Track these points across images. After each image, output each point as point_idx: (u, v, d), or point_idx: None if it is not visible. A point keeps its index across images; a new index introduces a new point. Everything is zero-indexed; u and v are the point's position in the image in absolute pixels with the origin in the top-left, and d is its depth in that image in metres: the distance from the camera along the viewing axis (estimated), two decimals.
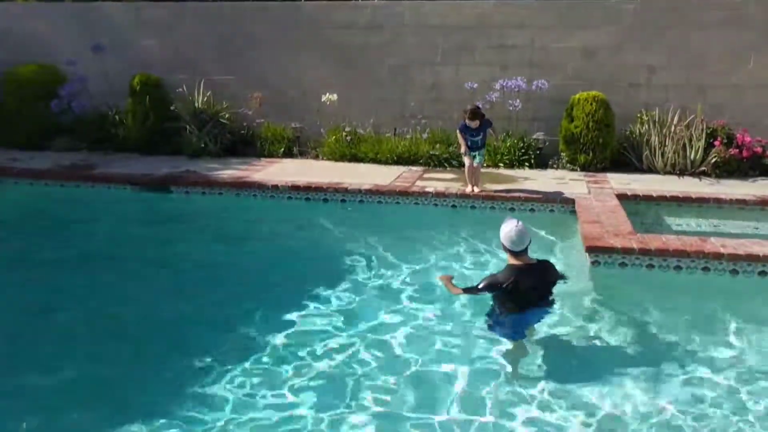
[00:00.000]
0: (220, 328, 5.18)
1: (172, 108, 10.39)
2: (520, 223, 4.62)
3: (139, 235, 7.57)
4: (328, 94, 9.93)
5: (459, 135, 7.93)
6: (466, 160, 7.91)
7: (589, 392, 4.23)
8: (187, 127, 10.24)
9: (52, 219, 8.15)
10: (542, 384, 4.31)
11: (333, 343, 4.87)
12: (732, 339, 4.93)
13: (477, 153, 7.87)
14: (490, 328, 4.76)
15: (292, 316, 5.29)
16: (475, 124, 7.68)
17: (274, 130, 10.45)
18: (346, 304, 5.55)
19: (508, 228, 4.59)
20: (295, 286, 5.90)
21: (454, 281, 5.00)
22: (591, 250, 6.06)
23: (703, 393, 4.26)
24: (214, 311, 5.51)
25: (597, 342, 4.94)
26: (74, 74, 10.62)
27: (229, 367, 4.53)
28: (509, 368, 4.51)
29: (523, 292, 4.58)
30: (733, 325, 5.10)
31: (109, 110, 10.70)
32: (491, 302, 4.81)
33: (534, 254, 4.80)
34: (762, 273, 5.76)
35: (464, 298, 5.17)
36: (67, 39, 11.16)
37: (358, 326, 5.14)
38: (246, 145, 10.51)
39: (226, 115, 10.38)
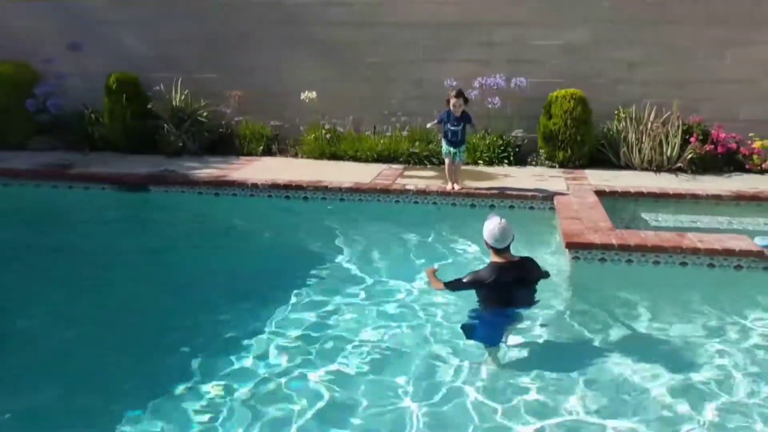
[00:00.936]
0: (200, 327, 5.17)
1: (149, 106, 10.30)
2: (504, 220, 4.65)
3: (118, 235, 7.51)
4: (307, 92, 9.89)
5: (436, 122, 7.95)
6: (447, 160, 7.96)
7: (569, 386, 4.28)
8: (165, 125, 10.15)
9: (28, 219, 8.05)
10: (523, 379, 4.35)
11: (313, 340, 4.88)
12: (710, 331, 5.01)
13: (457, 150, 7.89)
14: (468, 335, 4.76)
15: (271, 314, 5.29)
16: (458, 103, 7.65)
17: (253, 128, 10.39)
18: (326, 301, 5.55)
19: (492, 225, 4.62)
20: (276, 285, 5.90)
21: (437, 275, 5.04)
22: (571, 246, 6.12)
23: (681, 384, 4.33)
24: (195, 310, 5.48)
25: (577, 337, 5.00)
26: (51, 73, 10.47)
27: (209, 365, 4.53)
28: (490, 363, 4.54)
29: (504, 289, 4.60)
30: (711, 318, 5.19)
31: (86, 109, 10.57)
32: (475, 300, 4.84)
33: (515, 251, 4.83)
34: (738, 267, 5.85)
35: (447, 294, 5.20)
36: (44, 36, 10.99)
37: (340, 323, 5.16)
38: (225, 143, 10.43)
39: (205, 114, 10.31)
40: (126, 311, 5.51)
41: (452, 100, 7.67)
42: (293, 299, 5.57)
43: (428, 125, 8.05)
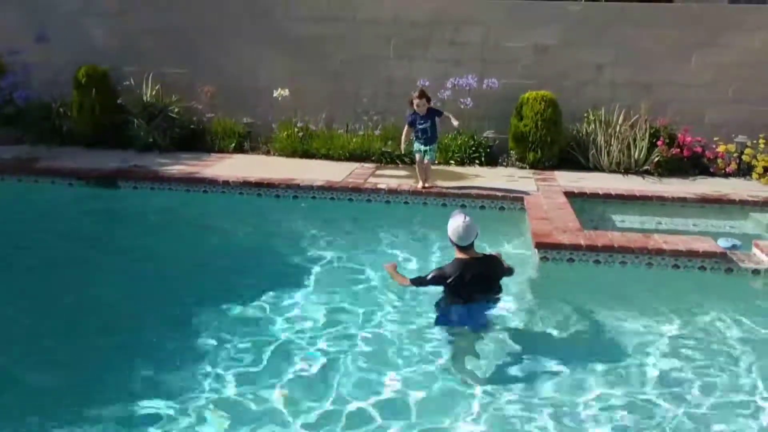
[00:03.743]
0: (167, 325, 5.11)
1: (119, 101, 10.17)
2: (468, 218, 4.72)
3: (85, 231, 7.39)
4: (279, 89, 9.85)
5: (406, 128, 7.98)
6: (417, 156, 8.01)
7: (537, 386, 4.33)
8: (135, 120, 10.03)
9: None
10: (491, 378, 4.40)
11: (280, 340, 4.86)
12: (675, 330, 5.10)
13: (428, 148, 7.95)
14: (437, 322, 4.82)
15: (240, 312, 5.26)
16: (422, 103, 7.71)
17: (225, 124, 10.32)
18: (297, 300, 5.53)
19: (456, 223, 4.68)
20: (246, 283, 5.85)
21: (398, 269, 5.10)
22: (540, 246, 6.20)
23: (646, 381, 4.42)
24: (162, 308, 5.41)
25: (545, 335, 5.05)
26: (17, 65, 10.28)
27: (177, 365, 4.49)
28: (456, 363, 4.58)
29: (468, 285, 4.68)
30: (675, 317, 5.29)
31: (54, 102, 10.39)
32: (439, 296, 4.88)
33: (484, 250, 4.89)
34: (702, 267, 5.99)
35: (412, 290, 5.22)
36: (9, 27, 10.78)
37: (309, 322, 5.14)
38: (196, 139, 10.33)
39: (176, 109, 10.20)
40: (90, 310, 5.42)
41: (415, 101, 7.75)
42: (263, 297, 5.53)
43: (403, 139, 8.10)
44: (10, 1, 10.93)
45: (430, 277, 4.75)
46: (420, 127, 7.86)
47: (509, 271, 5.08)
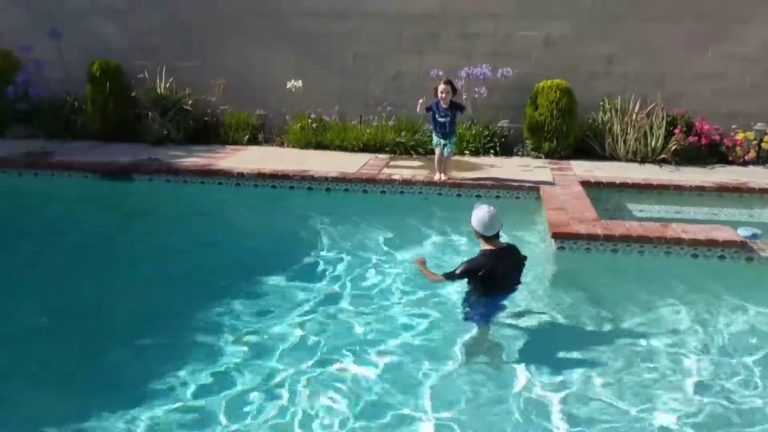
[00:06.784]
0: (182, 317, 5.12)
1: (133, 95, 10.19)
2: (492, 208, 4.67)
3: (101, 224, 7.43)
4: (293, 80, 9.82)
5: (424, 111, 7.84)
6: (437, 150, 7.96)
7: (557, 374, 4.31)
8: (149, 114, 10.05)
9: (9, 208, 7.93)
10: (512, 368, 4.38)
11: (298, 333, 4.85)
12: (694, 320, 5.07)
13: (447, 142, 7.90)
14: (466, 318, 4.79)
15: (256, 305, 5.28)
16: (446, 89, 7.63)
17: (239, 117, 10.32)
18: (312, 292, 5.53)
19: (482, 213, 4.62)
20: (261, 274, 5.85)
21: (426, 265, 5.05)
22: (556, 236, 6.16)
23: (665, 370, 4.40)
24: (178, 300, 5.44)
25: (564, 325, 5.03)
26: (30, 61, 10.32)
27: (192, 358, 4.50)
28: (478, 354, 4.57)
29: (498, 276, 4.62)
30: (694, 307, 5.25)
31: (68, 97, 10.42)
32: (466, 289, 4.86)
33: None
34: (721, 257, 5.92)
35: (435, 284, 5.20)
36: (21, 24, 10.81)
37: (326, 314, 5.14)
38: (210, 132, 10.34)
39: (189, 102, 10.21)
40: (103, 301, 5.47)
41: (440, 86, 7.67)
42: (277, 289, 5.56)
43: (418, 109, 7.92)
44: None
45: (459, 271, 4.63)
46: (440, 120, 7.80)
47: (524, 258, 5.04)
